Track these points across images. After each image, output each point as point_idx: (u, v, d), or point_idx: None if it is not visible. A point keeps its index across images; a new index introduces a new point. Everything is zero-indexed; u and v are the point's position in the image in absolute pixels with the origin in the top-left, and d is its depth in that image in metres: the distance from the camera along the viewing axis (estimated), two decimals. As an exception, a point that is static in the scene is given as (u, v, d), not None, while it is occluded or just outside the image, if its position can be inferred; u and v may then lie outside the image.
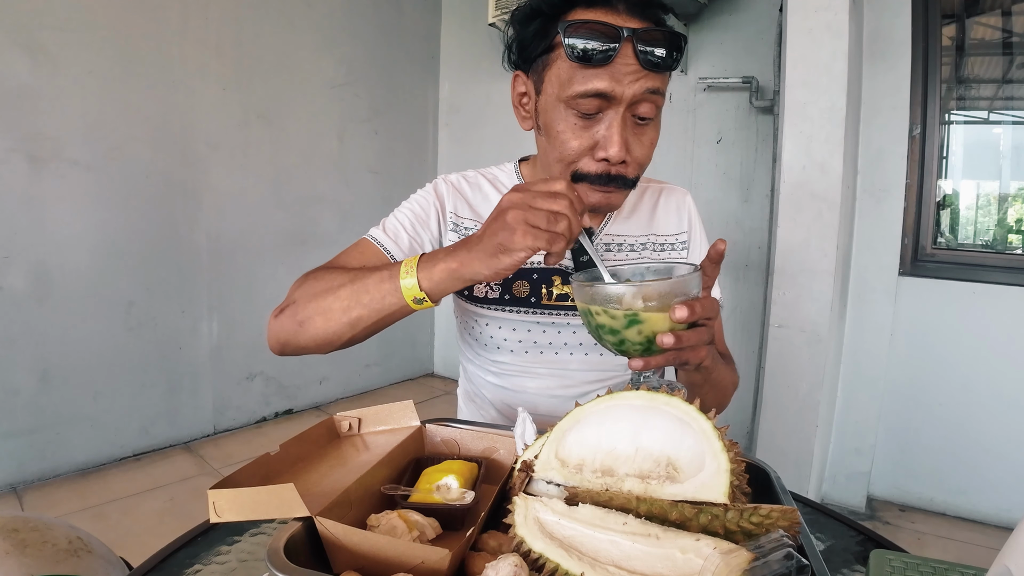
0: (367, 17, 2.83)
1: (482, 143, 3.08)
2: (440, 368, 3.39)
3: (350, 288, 0.69)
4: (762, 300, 2.14)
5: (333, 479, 0.56)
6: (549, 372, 0.86)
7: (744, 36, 2.24)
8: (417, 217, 0.85)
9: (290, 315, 0.73)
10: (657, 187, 0.93)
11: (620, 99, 0.69)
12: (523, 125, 0.82)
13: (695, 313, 0.57)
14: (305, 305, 0.72)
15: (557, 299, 0.85)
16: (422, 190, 0.88)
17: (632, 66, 0.68)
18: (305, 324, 0.72)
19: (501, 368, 0.88)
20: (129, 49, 2.07)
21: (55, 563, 0.72)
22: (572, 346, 0.86)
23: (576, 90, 0.70)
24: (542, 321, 0.85)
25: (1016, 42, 1.99)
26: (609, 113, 0.71)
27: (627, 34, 0.67)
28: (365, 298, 0.68)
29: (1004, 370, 1.89)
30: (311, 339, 0.72)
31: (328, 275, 0.73)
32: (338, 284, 0.70)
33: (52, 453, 2.01)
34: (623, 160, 0.72)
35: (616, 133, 0.70)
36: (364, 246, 0.82)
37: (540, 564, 0.43)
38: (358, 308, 0.68)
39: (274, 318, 0.75)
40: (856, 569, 0.58)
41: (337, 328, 0.70)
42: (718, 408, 0.81)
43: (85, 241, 2.03)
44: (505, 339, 0.85)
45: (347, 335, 0.71)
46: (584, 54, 0.67)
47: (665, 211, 0.91)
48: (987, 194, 2.14)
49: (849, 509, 2.08)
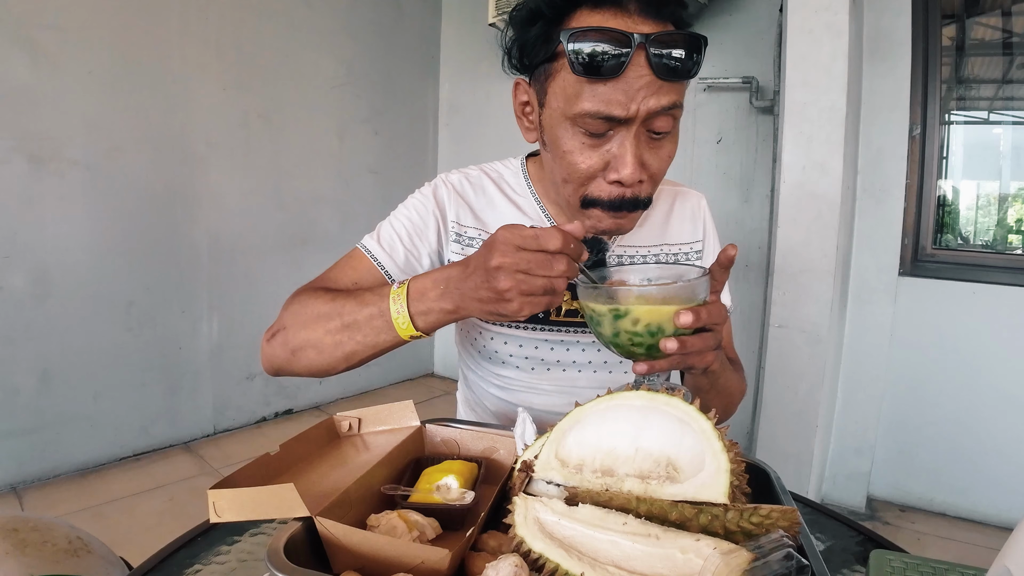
0: (367, 17, 2.83)
1: (482, 143, 3.07)
2: (440, 368, 3.39)
3: (339, 322, 0.67)
4: (762, 300, 2.13)
5: (333, 479, 0.56)
6: (556, 389, 0.83)
7: (744, 36, 2.24)
8: (415, 227, 0.79)
9: (281, 343, 0.71)
10: (671, 191, 0.87)
11: (634, 118, 0.63)
12: (527, 137, 0.76)
13: (700, 319, 0.56)
14: (296, 333, 0.70)
15: (567, 315, 0.80)
16: (420, 193, 0.82)
17: (646, 77, 0.61)
18: (298, 355, 0.70)
19: (506, 382, 0.84)
20: (129, 49, 2.07)
21: (55, 563, 0.72)
22: (581, 364, 0.82)
23: (584, 108, 0.63)
24: (551, 338, 0.81)
25: (1016, 42, 1.99)
26: (621, 131, 0.64)
27: (639, 40, 0.60)
28: (358, 335, 0.66)
29: (1004, 370, 1.89)
30: (305, 369, 0.71)
31: (319, 303, 0.70)
32: (326, 314, 0.68)
33: (52, 453, 2.01)
34: (640, 179, 0.66)
35: (629, 153, 0.64)
36: (357, 260, 0.78)
37: (540, 564, 0.43)
38: (351, 344, 0.67)
39: (266, 342, 0.73)
40: (856, 569, 0.58)
41: (331, 362, 0.69)
42: (724, 415, 0.79)
43: (85, 241, 2.03)
44: (511, 355, 0.82)
45: (342, 367, 0.70)
46: (591, 66, 0.60)
47: (680, 218, 0.86)
48: (987, 194, 2.14)
49: (849, 509, 2.08)
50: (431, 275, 0.63)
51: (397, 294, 0.64)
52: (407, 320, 0.63)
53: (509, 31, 0.72)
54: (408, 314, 0.63)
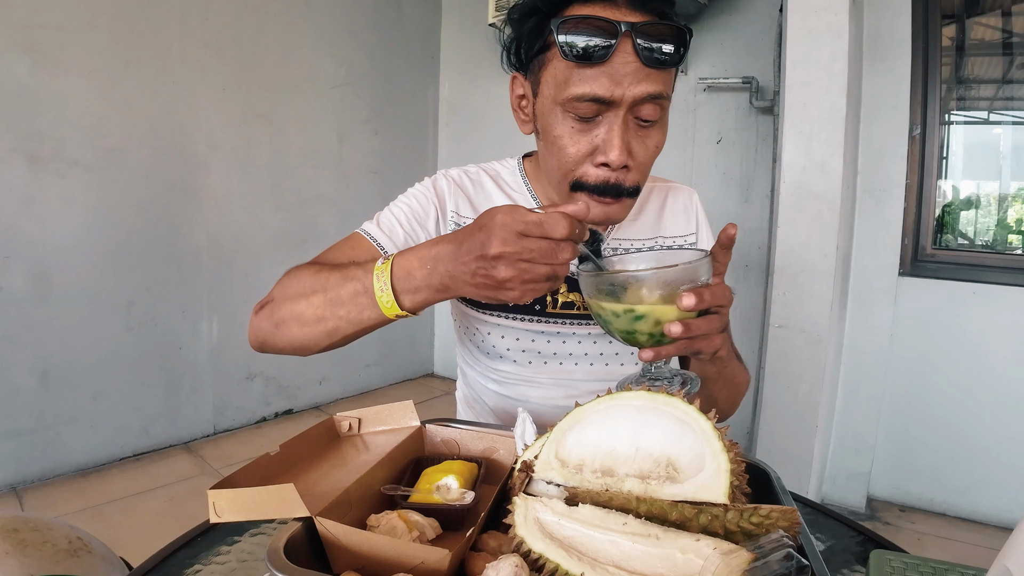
0: (367, 17, 2.83)
1: (482, 143, 3.07)
2: (440, 368, 3.39)
3: (323, 297, 0.65)
4: (762, 300, 2.14)
5: (333, 479, 0.56)
6: (553, 382, 0.84)
7: (744, 36, 2.24)
8: (414, 213, 0.81)
9: (267, 314, 0.70)
10: (663, 187, 0.90)
11: (620, 102, 0.65)
12: (523, 129, 0.78)
13: (703, 301, 0.55)
14: (280, 305, 0.69)
15: (563, 307, 0.81)
16: (420, 185, 0.84)
17: (632, 64, 0.64)
18: (281, 327, 0.69)
19: (503, 376, 0.85)
20: (129, 49, 2.07)
21: (55, 563, 0.72)
22: (577, 356, 0.83)
23: (572, 92, 0.66)
24: (547, 330, 0.82)
25: (1016, 42, 1.99)
26: (609, 116, 0.67)
27: (625, 29, 0.63)
28: (340, 311, 0.64)
29: (1004, 370, 1.89)
30: (287, 343, 0.69)
31: (306, 276, 0.69)
32: (311, 289, 0.67)
33: (52, 453, 2.01)
34: (625, 165, 0.68)
35: (617, 137, 0.66)
36: (356, 241, 0.78)
37: (540, 564, 0.43)
38: (334, 320, 0.65)
39: (254, 314, 0.72)
40: (856, 569, 0.58)
41: (313, 337, 0.67)
42: (730, 408, 0.80)
43: (85, 241, 2.03)
44: (508, 348, 0.83)
45: (324, 344, 0.68)
46: (579, 52, 0.63)
47: (672, 212, 0.88)
48: (987, 194, 2.14)
49: (849, 509, 2.08)
50: (416, 252, 0.61)
51: (380, 271, 0.61)
52: (391, 299, 0.61)
53: (507, 29, 0.76)
54: (393, 292, 0.60)
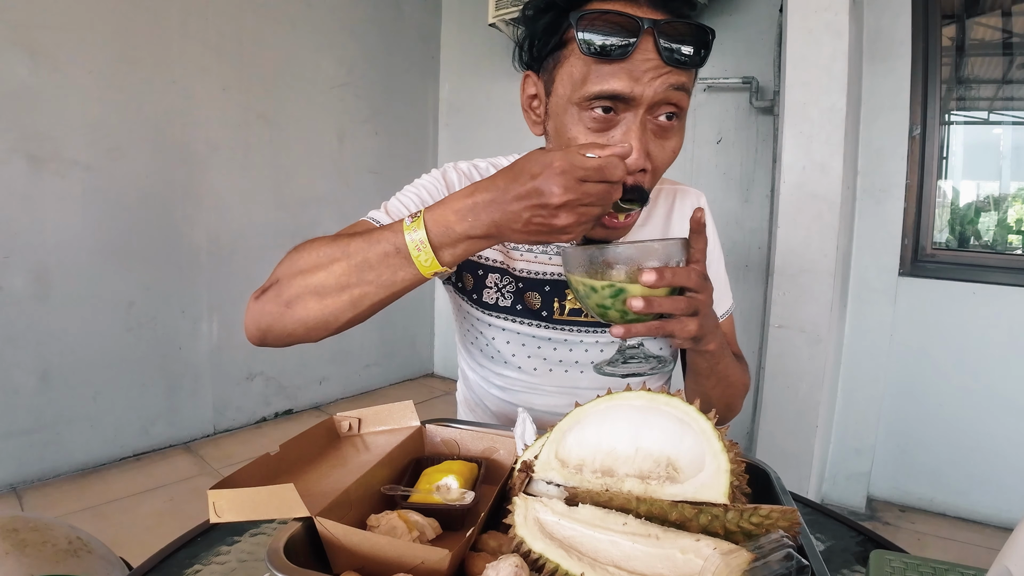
0: (367, 17, 2.83)
1: (482, 143, 3.07)
2: (440, 368, 3.39)
3: (347, 264, 0.60)
4: (762, 300, 2.14)
5: (333, 479, 0.56)
6: (558, 390, 0.82)
7: (744, 36, 2.24)
8: (423, 202, 0.77)
9: (274, 295, 0.63)
10: (671, 189, 0.87)
11: (639, 100, 0.62)
12: (533, 130, 0.75)
13: (664, 278, 0.57)
14: (291, 282, 0.62)
15: (570, 314, 0.80)
16: (429, 176, 0.81)
17: (653, 62, 0.61)
18: (293, 305, 0.62)
19: (507, 382, 0.84)
20: (129, 49, 2.07)
21: (55, 563, 0.72)
22: (583, 364, 0.82)
23: (590, 90, 0.63)
24: (554, 337, 0.80)
25: (1016, 42, 1.99)
26: (627, 116, 0.64)
27: (647, 25, 0.60)
28: (370, 275, 0.59)
29: (1004, 370, 1.89)
30: (300, 323, 0.62)
31: (321, 246, 0.62)
32: (331, 258, 0.61)
33: (52, 453, 2.01)
34: (643, 168, 0.64)
35: (635, 138, 0.63)
36: (361, 226, 0.74)
37: (540, 564, 0.43)
38: (361, 286, 0.59)
39: (254, 300, 0.65)
40: (856, 569, 0.58)
41: (335, 309, 0.61)
42: (726, 409, 0.79)
43: (85, 241, 2.03)
44: (513, 354, 0.81)
45: (347, 316, 0.61)
46: (599, 48, 0.60)
47: (681, 215, 0.86)
48: (987, 194, 2.14)
49: (849, 509, 2.08)
50: (449, 205, 0.57)
51: (412, 228, 0.57)
52: (430, 255, 0.57)
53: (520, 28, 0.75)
54: (431, 247, 0.56)
